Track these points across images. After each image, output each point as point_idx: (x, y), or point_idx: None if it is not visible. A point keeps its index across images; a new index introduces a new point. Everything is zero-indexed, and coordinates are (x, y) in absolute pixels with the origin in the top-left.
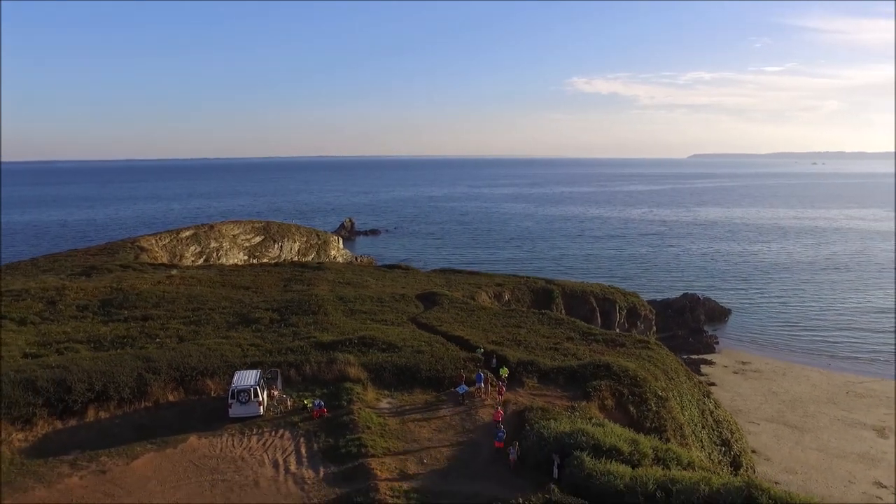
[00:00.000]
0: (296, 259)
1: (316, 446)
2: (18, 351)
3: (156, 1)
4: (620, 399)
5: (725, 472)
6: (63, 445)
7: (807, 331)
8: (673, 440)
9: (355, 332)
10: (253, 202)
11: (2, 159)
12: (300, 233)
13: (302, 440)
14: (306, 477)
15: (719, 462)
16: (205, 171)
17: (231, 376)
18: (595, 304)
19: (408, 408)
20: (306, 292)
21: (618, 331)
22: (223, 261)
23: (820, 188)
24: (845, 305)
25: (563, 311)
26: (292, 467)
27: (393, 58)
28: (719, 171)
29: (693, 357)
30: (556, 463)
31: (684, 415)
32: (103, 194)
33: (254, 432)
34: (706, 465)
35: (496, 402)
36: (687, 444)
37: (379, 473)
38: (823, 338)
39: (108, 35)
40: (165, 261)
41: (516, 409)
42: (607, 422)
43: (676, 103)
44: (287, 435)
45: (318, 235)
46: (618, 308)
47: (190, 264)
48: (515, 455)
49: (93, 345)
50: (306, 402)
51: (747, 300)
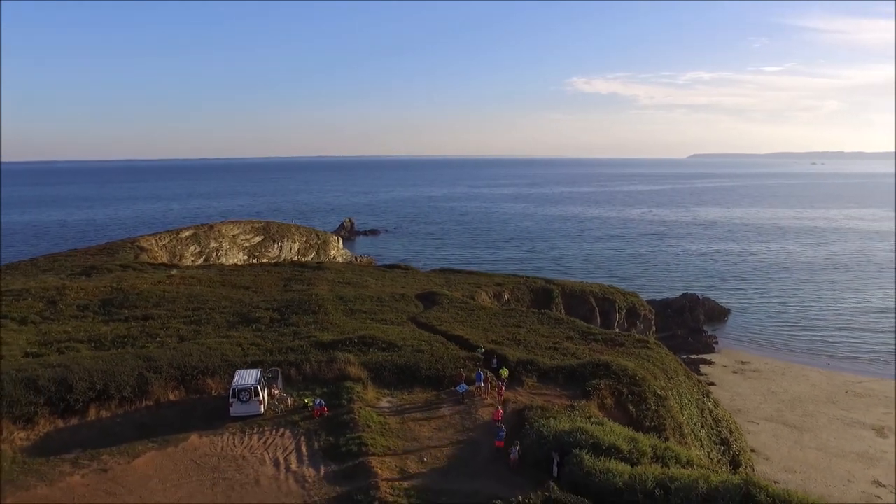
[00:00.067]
0: (295, 259)
1: (316, 445)
2: (19, 350)
3: (156, 1)
4: (620, 398)
5: (724, 470)
6: (64, 444)
7: (806, 331)
8: (672, 439)
9: (355, 332)
10: (252, 202)
11: (2, 159)
12: (300, 233)
13: (302, 439)
14: (307, 475)
15: (718, 461)
16: (204, 171)
17: (232, 375)
18: (594, 303)
19: (408, 407)
20: (306, 292)
21: (617, 330)
22: (223, 261)
23: (819, 188)
24: (844, 305)
25: (563, 310)
26: (293, 466)
27: (393, 58)
28: (719, 171)
29: (692, 357)
30: (555, 461)
31: (683, 414)
32: (103, 194)
33: (254, 431)
34: (705, 463)
35: (496, 401)
36: (686, 442)
37: (379, 472)
38: (823, 338)
39: (107, 35)
40: (165, 261)
41: (516, 408)
42: (606, 420)
43: (676, 103)
44: (288, 434)
45: (317, 235)
46: (617, 308)
47: (190, 264)
48: (517, 454)
49: (93, 344)
50: (307, 400)
51: (747, 300)
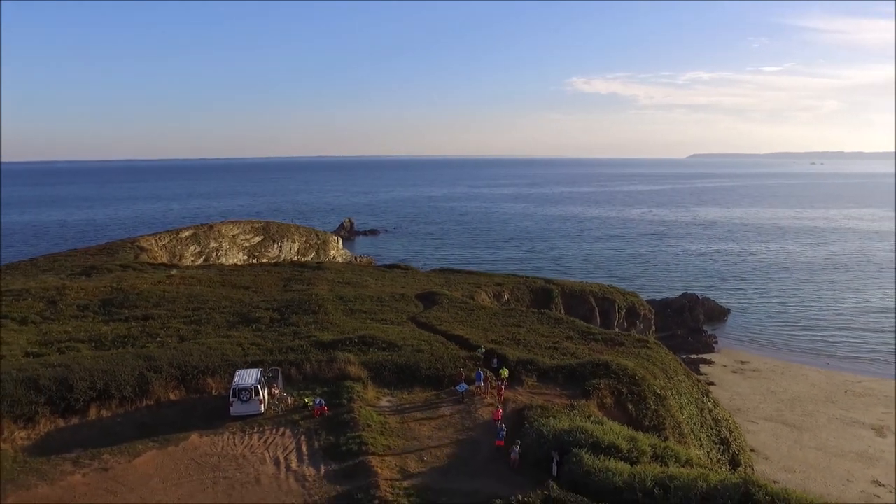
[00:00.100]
0: (295, 259)
1: (317, 444)
2: (20, 350)
3: (156, 1)
4: (619, 397)
5: (724, 470)
6: (65, 443)
7: (806, 330)
8: (671, 438)
9: (355, 332)
10: (252, 202)
11: (2, 159)
12: (300, 233)
13: (303, 438)
14: (307, 474)
15: (718, 460)
16: (204, 171)
17: (232, 375)
18: (594, 303)
19: (408, 406)
20: (306, 292)
21: (617, 330)
22: (223, 261)
23: (819, 188)
24: (844, 305)
25: (563, 310)
26: (293, 465)
27: (392, 58)
28: (718, 171)
29: (692, 356)
30: (555, 460)
31: (683, 413)
32: (103, 194)
33: (255, 430)
34: (704, 462)
35: (496, 400)
36: (685, 442)
37: (379, 471)
38: (822, 337)
39: (107, 35)
40: (165, 261)
41: (516, 408)
42: (606, 420)
43: (675, 103)
44: (288, 433)
45: (317, 235)
46: (617, 307)
47: (190, 264)
48: (517, 454)
49: (94, 344)
50: (307, 400)
51: (746, 300)
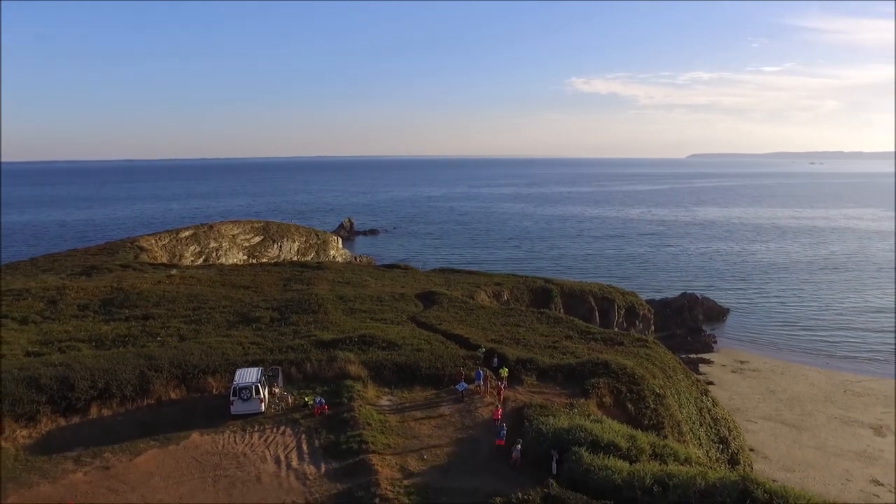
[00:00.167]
0: (295, 259)
1: (317, 443)
2: (21, 349)
3: (156, 1)
4: (618, 396)
5: (723, 468)
6: (66, 442)
7: (805, 330)
8: (670, 437)
9: (355, 331)
10: (252, 202)
11: (1, 159)
12: (299, 233)
13: (303, 437)
14: (308, 473)
15: (717, 459)
16: (204, 171)
17: (232, 374)
18: (594, 303)
19: (408, 405)
20: (306, 291)
21: (616, 330)
22: (223, 261)
23: (818, 188)
24: (843, 305)
25: (562, 310)
26: (294, 463)
27: (393, 58)
28: (718, 170)
29: (691, 356)
30: (554, 458)
31: (682, 412)
32: (102, 194)
33: (255, 429)
34: (703, 461)
35: (496, 400)
36: (684, 440)
37: (380, 469)
38: (821, 337)
39: (107, 35)
40: (165, 261)
41: (515, 406)
42: (605, 418)
43: (675, 103)
44: (288, 431)
45: (317, 235)
46: (616, 307)
47: (189, 264)
48: (518, 453)
49: (94, 343)
50: (307, 399)
51: (745, 300)
